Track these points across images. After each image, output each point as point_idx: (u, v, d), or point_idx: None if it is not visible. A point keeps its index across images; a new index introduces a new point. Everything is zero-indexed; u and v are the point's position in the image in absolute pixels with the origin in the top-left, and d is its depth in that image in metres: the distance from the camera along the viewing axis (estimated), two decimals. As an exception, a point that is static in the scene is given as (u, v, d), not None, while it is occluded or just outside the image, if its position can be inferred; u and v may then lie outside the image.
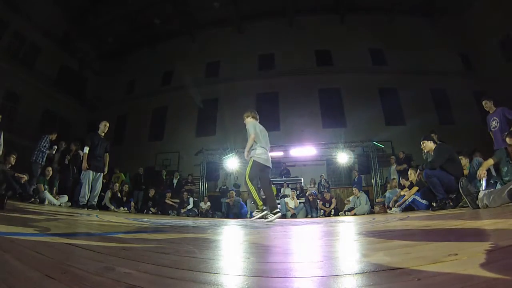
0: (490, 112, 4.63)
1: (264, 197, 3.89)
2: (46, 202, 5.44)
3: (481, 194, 2.77)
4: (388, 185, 7.40)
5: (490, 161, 3.60)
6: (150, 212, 7.53)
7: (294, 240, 1.64)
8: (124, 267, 0.62)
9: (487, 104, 4.64)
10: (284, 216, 7.33)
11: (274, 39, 12.16)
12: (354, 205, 7.25)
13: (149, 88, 13.05)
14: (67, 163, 6.26)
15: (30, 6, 10.16)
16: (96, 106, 13.40)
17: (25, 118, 10.07)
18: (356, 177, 8.43)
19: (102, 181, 5.62)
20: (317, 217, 7.09)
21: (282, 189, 8.57)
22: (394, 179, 7.32)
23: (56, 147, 6.04)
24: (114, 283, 0.50)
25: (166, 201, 7.90)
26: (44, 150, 5.77)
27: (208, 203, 8.38)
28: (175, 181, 9.07)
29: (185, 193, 8.16)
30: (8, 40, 9.99)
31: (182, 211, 7.69)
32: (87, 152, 5.13)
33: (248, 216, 7.79)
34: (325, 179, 8.59)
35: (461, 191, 2.97)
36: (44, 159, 5.78)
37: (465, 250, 0.72)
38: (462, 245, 0.85)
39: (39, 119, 10.86)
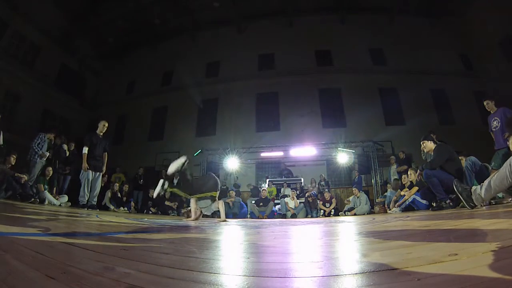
0: (491, 112, 4.62)
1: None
2: (46, 202, 5.43)
3: (473, 188, 2.77)
4: (389, 185, 7.39)
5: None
6: (150, 212, 7.52)
7: (294, 240, 1.64)
8: (124, 267, 0.62)
9: (489, 104, 4.64)
10: (284, 216, 7.34)
11: (274, 39, 12.16)
12: (354, 205, 7.25)
13: (149, 88, 13.05)
14: (50, 157, 6.15)
15: (30, 6, 10.15)
16: (96, 106, 13.39)
17: (25, 118, 10.06)
18: (356, 177, 8.43)
19: (102, 181, 5.62)
20: (317, 217, 7.09)
21: (282, 189, 8.57)
22: (396, 179, 7.29)
23: (48, 154, 5.88)
24: (114, 283, 0.50)
25: (166, 203, 7.90)
26: (37, 150, 5.72)
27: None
28: (175, 181, 9.05)
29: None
30: (8, 40, 9.99)
31: (183, 211, 7.68)
32: (87, 152, 5.13)
33: (248, 216, 7.81)
34: (325, 179, 8.59)
35: (456, 192, 2.96)
36: (37, 158, 5.73)
37: (465, 250, 0.72)
38: (462, 245, 0.85)
39: (39, 119, 10.86)
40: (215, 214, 4.43)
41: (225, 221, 4.05)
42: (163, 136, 11.90)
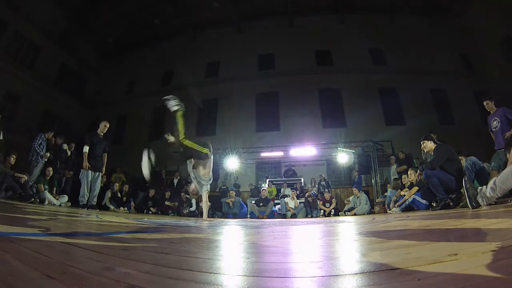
0: (491, 112, 4.62)
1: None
2: (46, 202, 5.43)
3: (479, 188, 2.79)
4: (389, 185, 7.39)
5: (494, 174, 3.49)
6: (150, 212, 7.52)
7: (294, 240, 1.64)
8: (124, 267, 0.62)
9: (489, 105, 4.64)
10: (284, 216, 7.34)
11: (274, 39, 12.15)
12: (354, 205, 7.25)
13: (149, 88, 13.04)
14: (50, 158, 6.13)
15: (30, 6, 10.15)
16: (96, 106, 13.39)
17: (25, 118, 10.06)
18: (356, 177, 8.42)
19: (102, 181, 5.62)
20: (317, 217, 7.09)
21: (282, 189, 8.57)
22: (396, 179, 7.29)
23: (48, 154, 5.92)
24: (114, 283, 0.50)
25: (166, 203, 7.90)
26: (39, 151, 5.71)
27: (208, 203, 8.37)
28: (175, 181, 9.06)
29: (182, 194, 8.14)
30: (8, 40, 9.98)
31: (184, 211, 7.69)
32: (87, 151, 5.13)
33: (248, 216, 7.81)
34: (325, 179, 8.59)
35: (464, 187, 2.96)
36: (39, 158, 5.72)
37: (465, 250, 0.72)
38: (462, 245, 0.85)
39: (39, 119, 10.85)
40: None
41: (207, 221, 3.99)
42: (163, 136, 11.89)
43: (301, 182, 8.87)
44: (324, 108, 10.86)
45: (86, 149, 5.13)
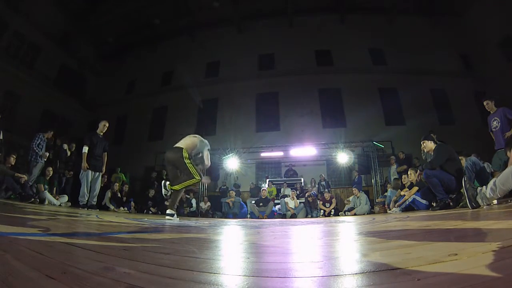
0: (491, 112, 4.63)
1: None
2: (46, 202, 5.44)
3: (479, 188, 2.79)
4: (389, 185, 7.38)
5: (496, 175, 3.48)
6: (150, 212, 7.52)
7: (294, 240, 1.64)
8: (124, 267, 0.62)
9: (489, 105, 4.64)
10: (284, 216, 7.34)
11: (274, 39, 12.16)
12: (354, 205, 7.25)
13: (149, 88, 13.05)
14: (50, 157, 6.12)
15: (30, 6, 10.16)
16: (96, 105, 13.40)
17: (25, 118, 10.06)
18: (356, 177, 8.42)
19: (102, 181, 5.62)
20: (317, 217, 7.09)
21: (282, 189, 8.57)
22: (396, 179, 7.28)
23: (48, 154, 5.91)
24: (114, 283, 0.50)
25: (166, 203, 7.90)
26: (37, 151, 5.71)
27: (208, 203, 8.39)
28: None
29: (182, 194, 8.13)
30: (8, 40, 9.99)
31: (185, 212, 7.69)
32: (86, 151, 5.13)
33: (249, 216, 7.80)
34: (325, 179, 8.59)
35: (464, 188, 2.96)
36: (38, 158, 5.72)
37: (465, 250, 0.72)
38: (462, 245, 0.85)
39: (39, 119, 10.85)
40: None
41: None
42: (163, 136, 11.91)
43: (301, 182, 8.87)
44: (324, 108, 10.87)
45: (85, 149, 5.12)
